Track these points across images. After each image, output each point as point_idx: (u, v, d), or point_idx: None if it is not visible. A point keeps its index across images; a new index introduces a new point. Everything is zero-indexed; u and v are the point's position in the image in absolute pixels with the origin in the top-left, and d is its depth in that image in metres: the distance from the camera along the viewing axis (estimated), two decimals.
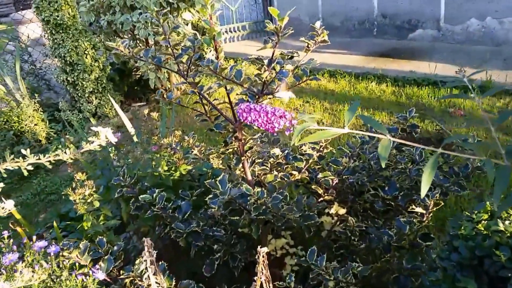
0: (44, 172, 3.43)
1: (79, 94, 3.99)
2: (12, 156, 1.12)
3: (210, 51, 4.46)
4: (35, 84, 4.56)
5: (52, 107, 4.32)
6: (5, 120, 3.71)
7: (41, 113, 3.87)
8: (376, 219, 1.48)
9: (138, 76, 4.57)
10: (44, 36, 3.90)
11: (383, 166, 0.63)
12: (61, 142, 3.60)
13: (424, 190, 0.59)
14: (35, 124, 3.75)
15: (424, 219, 1.28)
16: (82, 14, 4.05)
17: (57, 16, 3.65)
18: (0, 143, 3.49)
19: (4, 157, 1.18)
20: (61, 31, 3.74)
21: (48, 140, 3.84)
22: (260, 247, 0.98)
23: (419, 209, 1.30)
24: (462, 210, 2.31)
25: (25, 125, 3.70)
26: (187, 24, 4.31)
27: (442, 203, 1.31)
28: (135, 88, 4.72)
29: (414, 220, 1.29)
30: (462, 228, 0.99)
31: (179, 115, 4.17)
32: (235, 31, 6.73)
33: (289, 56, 1.21)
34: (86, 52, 3.88)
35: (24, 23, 5.80)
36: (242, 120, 0.74)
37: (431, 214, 1.30)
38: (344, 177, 1.53)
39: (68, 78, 3.90)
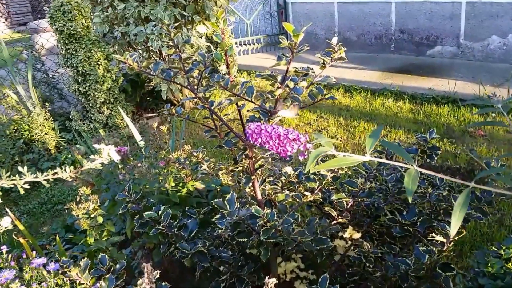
0: (52, 182, 3.42)
1: (91, 105, 4.01)
2: (8, 174, 1.09)
3: (224, 63, 4.45)
4: (47, 93, 4.60)
5: (64, 117, 4.35)
6: (15, 128, 3.73)
7: (52, 122, 3.89)
8: (393, 245, 1.41)
9: (151, 87, 4.59)
10: (58, 45, 3.94)
11: (410, 200, 0.57)
12: (70, 152, 3.61)
13: (454, 229, 0.54)
14: (45, 133, 3.77)
15: (445, 248, 1.21)
16: (96, 25, 4.10)
17: (71, 26, 3.68)
18: (9, 151, 3.50)
19: (15, 163, 1.15)
20: (74, 41, 3.78)
21: (58, 149, 3.84)
22: (269, 276, 0.93)
23: (439, 238, 1.23)
24: (482, 234, 2.22)
25: (35, 133, 3.72)
26: (201, 37, 4.32)
27: (464, 231, 1.24)
28: (148, 99, 4.74)
29: (434, 248, 1.22)
30: (489, 265, 0.92)
31: (189, 126, 4.15)
32: (250, 44, 6.74)
33: (303, 74, 1.17)
34: (98, 62, 3.90)
35: (38, 32, 5.89)
36: (252, 142, 0.69)
37: (452, 243, 1.23)
38: (359, 199, 1.47)
39: (80, 88, 3.92)
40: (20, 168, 1.08)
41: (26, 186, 1.08)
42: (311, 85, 1.21)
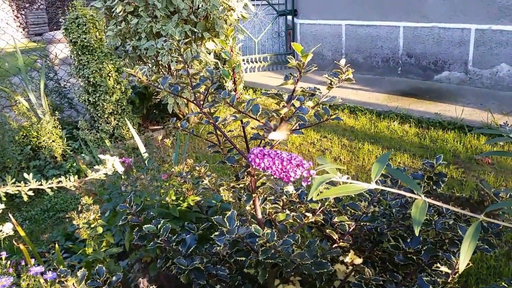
0: (56, 189, 3.40)
1: (99, 115, 4.02)
2: (13, 180, 1.07)
3: (231, 80, 4.46)
4: (58, 101, 4.63)
5: (72, 125, 4.36)
6: (24, 134, 3.74)
7: (60, 130, 3.90)
8: (395, 273, 1.35)
9: (158, 100, 4.60)
10: (71, 56, 3.97)
11: (417, 233, 0.54)
12: (76, 160, 3.59)
13: (464, 263, 0.50)
14: (53, 141, 3.77)
15: (449, 279, 1.16)
16: (109, 38, 4.14)
17: (85, 38, 3.72)
18: (17, 156, 3.50)
19: (21, 169, 1.13)
20: (87, 53, 3.81)
21: (64, 158, 3.84)
22: None
23: (444, 268, 1.18)
24: (488, 267, 2.14)
25: (43, 140, 3.72)
26: (209, 53, 4.34)
27: (470, 263, 1.19)
28: (154, 111, 4.75)
29: (438, 279, 1.17)
30: None
31: (193, 141, 4.13)
32: (257, 62, 6.77)
33: (310, 94, 1.14)
34: (109, 74, 3.93)
35: (53, 43, 5.97)
36: (255, 166, 0.67)
37: (457, 274, 1.18)
38: (362, 223, 1.42)
39: (90, 98, 3.94)
40: (25, 175, 1.06)
41: (30, 193, 1.06)
42: (317, 105, 1.18)
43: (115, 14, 4.02)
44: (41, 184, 1.10)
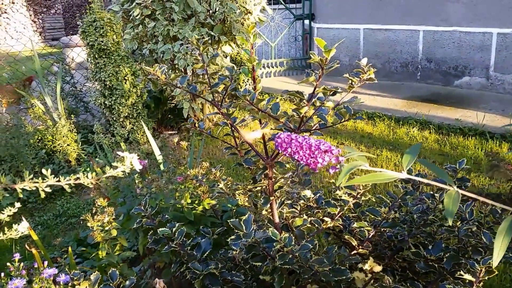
0: (68, 194, 3.44)
1: (114, 118, 4.06)
2: (31, 176, 1.07)
3: (246, 85, 4.47)
4: (74, 105, 4.69)
5: (87, 129, 4.41)
6: (39, 138, 3.79)
7: (75, 134, 3.94)
8: (416, 282, 1.32)
9: (173, 104, 4.63)
10: (88, 59, 4.03)
11: (450, 223, 0.52)
12: (90, 165, 3.63)
13: (497, 258, 0.48)
14: (68, 145, 3.81)
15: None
16: (125, 42, 4.19)
17: (102, 41, 3.77)
18: (31, 160, 3.54)
19: (35, 173, 1.13)
20: (104, 56, 3.86)
21: (78, 162, 3.88)
22: None
23: (467, 276, 1.15)
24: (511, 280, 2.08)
25: (58, 144, 3.77)
26: (226, 57, 4.36)
27: (495, 271, 1.15)
28: (169, 116, 4.77)
29: None
30: None
31: (207, 146, 4.14)
32: (273, 67, 6.77)
33: (332, 92, 1.12)
34: (126, 78, 3.97)
35: (70, 46, 6.08)
36: (281, 152, 0.65)
37: (481, 283, 1.14)
38: (382, 229, 1.39)
39: (106, 102, 3.98)
40: (43, 171, 1.06)
41: (48, 189, 1.06)
42: (338, 105, 1.16)
43: (133, 17, 4.08)
44: (58, 181, 1.10)
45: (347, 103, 1.16)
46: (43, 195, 1.21)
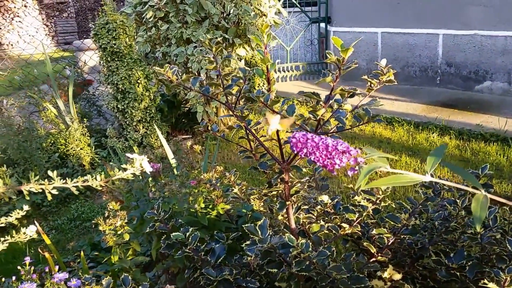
0: (83, 198, 3.48)
1: (127, 122, 4.10)
2: (37, 177, 1.09)
3: (259, 87, 4.48)
4: (87, 109, 4.76)
5: (100, 133, 4.46)
6: (52, 141, 3.85)
7: (88, 138, 4.00)
8: None
9: (187, 108, 4.66)
10: (100, 63, 4.08)
11: (479, 229, 0.51)
12: (104, 169, 3.67)
13: None
14: (81, 148, 3.86)
15: None
16: (138, 45, 4.24)
17: (114, 44, 3.82)
18: (44, 164, 3.60)
19: (48, 177, 1.14)
20: (116, 59, 3.90)
21: (92, 166, 3.93)
22: None
23: (492, 285, 1.12)
24: None
25: (71, 148, 3.82)
26: (240, 60, 4.37)
27: None
28: (183, 120, 4.80)
29: None
30: None
31: (222, 151, 4.15)
32: (288, 71, 6.78)
33: (350, 94, 1.12)
34: (138, 81, 4.00)
35: (82, 50, 6.18)
36: (296, 152, 0.65)
37: None
38: (402, 236, 1.38)
39: (119, 106, 4.02)
40: (49, 173, 1.07)
41: (54, 191, 1.07)
42: (356, 108, 1.16)
43: (146, 20, 4.13)
44: (65, 183, 1.11)
45: (366, 106, 1.15)
46: (49, 197, 1.22)
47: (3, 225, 1.24)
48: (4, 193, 1.01)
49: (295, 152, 0.65)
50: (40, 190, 1.04)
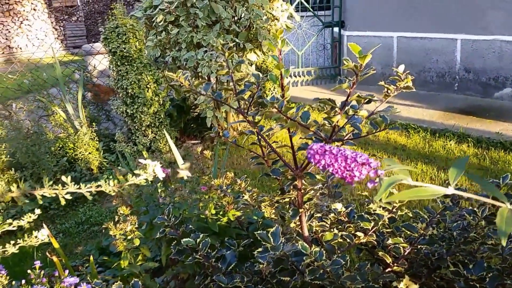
0: (91, 202, 3.52)
1: (136, 127, 4.14)
2: (51, 182, 1.11)
3: (272, 94, 4.50)
4: (95, 113, 4.82)
5: (109, 138, 4.52)
6: (61, 145, 3.91)
7: (97, 142, 4.05)
8: None
9: (196, 114, 4.70)
10: (109, 67, 4.14)
11: (504, 243, 0.51)
12: (113, 173, 3.71)
13: None
14: (89, 153, 3.92)
15: None
16: (148, 49, 4.29)
17: (124, 48, 3.87)
18: (52, 168, 3.65)
19: (57, 180, 1.17)
20: (126, 63, 3.95)
21: (100, 170, 3.97)
22: None
23: None
24: None
25: (80, 152, 3.88)
26: (251, 65, 4.40)
27: None
28: (192, 125, 4.84)
29: None
30: None
31: (232, 157, 4.17)
32: (300, 76, 6.79)
33: (367, 100, 1.13)
34: (148, 86, 4.05)
35: (91, 53, 6.27)
36: (314, 164, 0.66)
37: None
38: (418, 246, 1.37)
39: (128, 110, 4.07)
40: (63, 178, 1.10)
41: (68, 196, 1.09)
42: (372, 114, 1.17)
43: (156, 24, 4.18)
44: (79, 188, 1.13)
45: (382, 112, 1.16)
46: (63, 202, 1.25)
47: (14, 228, 1.27)
48: (18, 197, 1.04)
49: (313, 164, 0.66)
50: (54, 195, 1.06)
